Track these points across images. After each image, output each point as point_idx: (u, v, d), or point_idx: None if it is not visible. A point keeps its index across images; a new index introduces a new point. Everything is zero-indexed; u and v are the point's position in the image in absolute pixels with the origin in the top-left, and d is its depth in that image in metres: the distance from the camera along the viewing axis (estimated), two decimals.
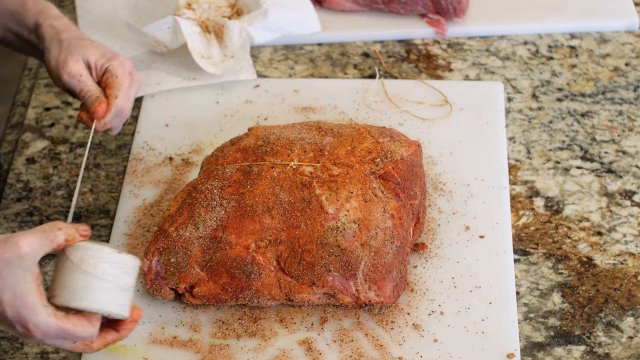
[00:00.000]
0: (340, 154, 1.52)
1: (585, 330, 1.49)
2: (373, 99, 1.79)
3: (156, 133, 1.76)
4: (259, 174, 1.50)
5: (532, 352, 1.47)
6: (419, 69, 1.87)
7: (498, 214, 1.60)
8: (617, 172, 1.69)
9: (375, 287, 1.45)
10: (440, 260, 1.55)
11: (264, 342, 1.46)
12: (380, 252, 1.45)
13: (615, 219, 1.63)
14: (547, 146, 1.73)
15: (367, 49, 1.92)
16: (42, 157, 1.75)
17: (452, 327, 1.47)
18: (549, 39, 1.92)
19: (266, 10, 1.86)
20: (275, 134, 1.55)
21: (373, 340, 1.46)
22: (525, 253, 1.58)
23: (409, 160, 1.53)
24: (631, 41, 1.92)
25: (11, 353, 1.49)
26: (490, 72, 1.87)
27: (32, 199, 1.68)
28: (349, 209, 1.46)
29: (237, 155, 1.54)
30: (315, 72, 1.88)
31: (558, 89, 1.83)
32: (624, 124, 1.77)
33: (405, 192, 1.51)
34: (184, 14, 1.87)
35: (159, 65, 1.85)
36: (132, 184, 1.67)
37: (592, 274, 1.56)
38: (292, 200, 1.47)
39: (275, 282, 1.46)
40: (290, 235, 1.46)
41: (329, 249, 1.44)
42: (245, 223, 1.47)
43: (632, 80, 1.84)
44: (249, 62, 1.84)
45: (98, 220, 1.65)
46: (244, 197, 1.48)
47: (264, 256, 1.46)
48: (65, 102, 1.85)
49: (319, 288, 1.46)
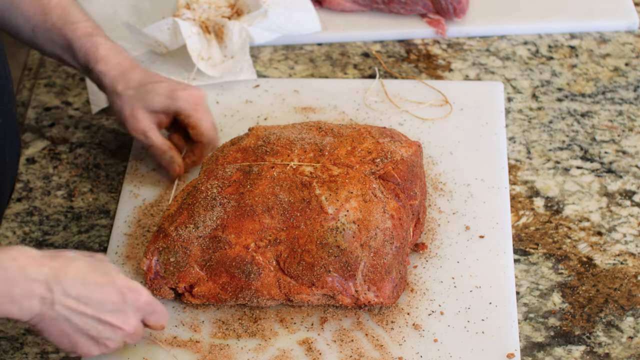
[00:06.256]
0: (341, 154, 1.52)
1: (585, 330, 1.49)
2: (373, 99, 1.79)
3: None
4: (259, 173, 1.50)
5: (532, 352, 1.47)
6: (419, 69, 1.87)
7: (498, 214, 1.60)
8: (617, 172, 1.69)
9: (374, 287, 1.45)
10: (440, 260, 1.55)
11: (264, 342, 1.46)
12: (379, 252, 1.45)
13: (615, 219, 1.63)
14: (547, 146, 1.73)
15: (367, 49, 1.92)
16: (42, 157, 1.75)
17: (452, 327, 1.47)
18: (549, 39, 1.92)
19: (266, 10, 1.86)
20: (276, 134, 1.55)
21: (373, 340, 1.46)
22: (525, 253, 1.58)
23: (409, 160, 1.53)
24: (631, 41, 1.92)
25: (11, 353, 1.49)
26: (490, 72, 1.87)
27: (32, 199, 1.68)
28: (348, 209, 1.46)
29: (238, 155, 1.54)
30: (315, 72, 1.88)
31: (558, 89, 1.83)
32: (624, 124, 1.77)
33: (405, 193, 1.51)
34: (184, 14, 1.87)
35: (159, 66, 1.85)
36: (132, 184, 1.67)
37: (592, 274, 1.56)
38: (292, 200, 1.47)
39: (275, 282, 1.46)
40: (289, 235, 1.46)
41: (329, 250, 1.44)
42: (245, 223, 1.47)
43: (632, 80, 1.84)
44: (249, 62, 1.84)
45: (98, 220, 1.65)
46: (243, 197, 1.48)
47: (264, 256, 1.46)
48: (65, 102, 1.85)
49: (319, 289, 1.45)
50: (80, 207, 1.67)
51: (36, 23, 1.64)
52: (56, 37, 1.64)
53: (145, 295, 1.39)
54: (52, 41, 1.65)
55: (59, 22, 1.64)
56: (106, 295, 1.36)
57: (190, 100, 1.62)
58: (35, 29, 1.64)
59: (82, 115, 1.82)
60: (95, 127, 1.80)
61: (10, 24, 1.65)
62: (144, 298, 1.39)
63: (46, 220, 1.66)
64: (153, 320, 1.42)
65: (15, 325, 1.52)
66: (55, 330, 1.36)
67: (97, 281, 1.36)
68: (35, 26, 1.64)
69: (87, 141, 1.78)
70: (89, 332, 1.37)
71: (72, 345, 1.38)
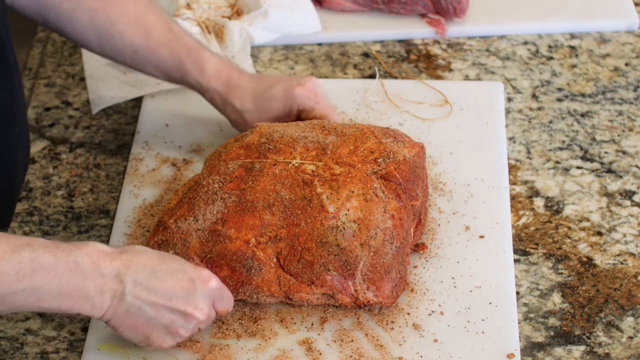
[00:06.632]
0: (343, 153, 1.52)
1: (585, 330, 1.49)
2: (373, 99, 1.79)
3: (156, 133, 1.76)
4: (261, 170, 1.50)
5: (532, 352, 1.47)
6: (419, 69, 1.87)
7: (498, 214, 1.60)
8: (617, 172, 1.69)
9: (373, 287, 1.45)
10: (440, 260, 1.55)
11: (264, 342, 1.46)
12: (379, 252, 1.45)
13: (615, 219, 1.63)
14: (547, 146, 1.73)
15: (367, 49, 1.92)
16: (42, 157, 1.75)
17: (452, 327, 1.47)
18: (549, 39, 1.92)
19: (266, 10, 1.86)
20: (279, 132, 1.55)
21: (373, 340, 1.46)
22: (525, 253, 1.58)
23: (411, 161, 1.53)
24: (631, 41, 1.92)
25: (11, 353, 1.49)
26: (490, 72, 1.87)
27: (32, 199, 1.68)
28: (349, 208, 1.46)
29: (240, 151, 1.54)
30: (315, 72, 1.88)
31: (558, 89, 1.83)
32: (624, 124, 1.77)
33: (406, 193, 1.51)
34: (184, 14, 1.87)
35: None
36: (132, 184, 1.67)
37: (592, 274, 1.56)
38: (293, 198, 1.47)
39: (275, 278, 1.46)
40: (290, 232, 1.46)
41: (329, 248, 1.44)
42: (245, 218, 1.47)
43: (632, 80, 1.84)
44: (249, 62, 1.84)
45: (98, 220, 1.65)
46: (244, 193, 1.48)
47: (264, 252, 1.46)
48: (65, 102, 1.85)
49: (318, 287, 1.45)
50: (80, 207, 1.67)
51: (138, 44, 1.62)
52: (162, 55, 1.63)
53: (214, 281, 1.40)
54: (157, 61, 1.64)
55: (164, 39, 1.63)
56: (176, 283, 1.36)
57: (309, 94, 1.63)
58: (138, 50, 1.62)
59: (82, 115, 1.82)
60: (95, 127, 1.80)
61: (109, 47, 1.63)
62: (214, 284, 1.40)
63: (46, 220, 1.66)
64: (221, 306, 1.42)
65: (15, 325, 1.52)
66: (128, 323, 1.36)
67: (166, 269, 1.36)
68: (137, 47, 1.62)
69: (87, 141, 1.78)
70: (162, 322, 1.37)
71: (145, 337, 1.38)
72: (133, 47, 1.62)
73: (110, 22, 1.61)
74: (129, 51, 1.63)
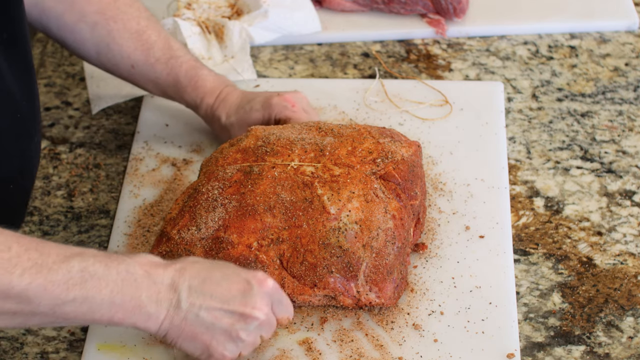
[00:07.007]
0: (341, 154, 1.52)
1: (585, 330, 1.49)
2: (373, 99, 1.79)
3: (156, 133, 1.76)
4: (260, 173, 1.49)
5: (532, 352, 1.47)
6: (419, 69, 1.87)
7: (498, 214, 1.60)
8: (617, 172, 1.69)
9: (376, 288, 1.45)
10: (440, 260, 1.55)
11: (264, 342, 1.46)
12: (381, 253, 1.45)
13: (615, 219, 1.63)
14: (547, 146, 1.74)
15: (367, 49, 1.92)
16: (42, 157, 1.75)
17: (452, 327, 1.47)
18: (549, 39, 1.93)
19: (266, 10, 1.86)
20: (275, 135, 1.55)
21: (373, 340, 1.46)
22: (525, 253, 1.58)
23: (409, 160, 1.53)
24: (631, 41, 1.92)
25: (11, 353, 1.49)
26: (490, 72, 1.87)
27: (32, 199, 1.68)
28: (350, 209, 1.46)
29: (237, 156, 1.54)
30: (315, 72, 1.88)
31: (558, 89, 1.83)
32: (624, 124, 1.77)
33: (406, 193, 1.51)
34: (184, 14, 1.87)
35: None
36: (132, 184, 1.67)
37: (592, 274, 1.56)
38: (294, 200, 1.47)
39: (280, 280, 1.45)
40: (292, 234, 1.46)
41: (331, 250, 1.44)
42: (247, 222, 1.47)
43: (632, 80, 1.84)
44: (249, 62, 1.84)
45: (98, 220, 1.65)
46: (245, 197, 1.48)
47: (267, 255, 1.46)
48: (65, 102, 1.85)
49: (320, 290, 1.45)
50: (80, 207, 1.67)
51: (137, 59, 1.63)
52: (159, 72, 1.64)
53: (271, 282, 1.37)
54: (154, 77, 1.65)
55: (163, 57, 1.64)
56: (231, 285, 1.34)
57: (286, 103, 1.62)
58: (136, 65, 1.64)
59: (82, 115, 1.82)
60: (95, 127, 1.80)
61: (107, 60, 1.65)
62: (270, 283, 1.36)
63: (46, 220, 1.66)
64: (280, 311, 1.38)
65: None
66: (186, 333, 1.33)
67: (220, 274, 1.34)
68: (135, 62, 1.64)
69: (87, 141, 1.78)
70: (221, 327, 1.33)
71: (206, 347, 1.34)
72: (131, 62, 1.64)
73: (111, 35, 1.62)
74: (127, 65, 1.64)
